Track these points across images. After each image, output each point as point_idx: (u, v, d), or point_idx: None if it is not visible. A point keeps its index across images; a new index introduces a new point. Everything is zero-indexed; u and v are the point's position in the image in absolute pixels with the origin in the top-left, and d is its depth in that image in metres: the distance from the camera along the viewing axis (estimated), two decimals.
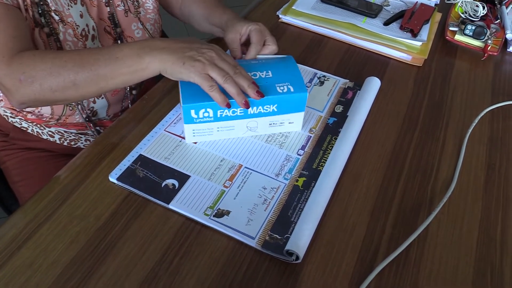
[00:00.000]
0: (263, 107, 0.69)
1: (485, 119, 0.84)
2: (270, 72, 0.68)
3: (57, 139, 0.91)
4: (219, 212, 0.63)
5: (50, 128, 0.90)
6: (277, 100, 0.69)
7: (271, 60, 0.69)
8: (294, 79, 0.70)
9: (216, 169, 0.68)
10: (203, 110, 0.68)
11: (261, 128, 0.73)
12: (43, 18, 0.75)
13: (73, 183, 0.67)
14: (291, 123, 0.74)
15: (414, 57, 0.95)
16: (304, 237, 0.59)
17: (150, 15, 0.90)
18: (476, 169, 0.75)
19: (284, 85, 0.69)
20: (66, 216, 0.63)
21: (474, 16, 1.03)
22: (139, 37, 0.89)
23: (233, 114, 0.69)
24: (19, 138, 0.91)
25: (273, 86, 0.69)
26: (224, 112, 0.69)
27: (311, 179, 0.68)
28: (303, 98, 0.70)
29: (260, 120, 0.71)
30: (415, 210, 0.68)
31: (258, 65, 0.67)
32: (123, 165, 0.68)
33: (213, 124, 0.70)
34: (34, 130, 0.90)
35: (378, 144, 0.77)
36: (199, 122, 0.69)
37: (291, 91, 0.69)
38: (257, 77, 0.67)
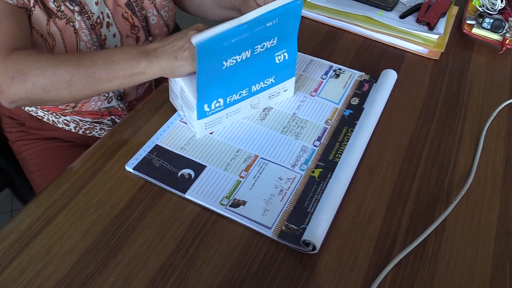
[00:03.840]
0: (264, 82, 0.72)
1: (503, 113, 0.83)
2: (275, 39, 0.68)
3: (72, 128, 0.92)
4: (235, 202, 0.62)
5: (65, 117, 0.90)
6: (275, 72, 0.73)
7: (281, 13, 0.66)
8: (290, 42, 0.72)
9: (232, 159, 0.68)
10: (215, 101, 0.68)
11: (262, 103, 0.76)
12: (58, 8, 0.75)
13: (89, 172, 0.67)
14: (286, 91, 0.78)
15: (431, 50, 0.94)
16: (321, 227, 0.59)
17: (164, 1, 0.90)
18: (494, 163, 0.74)
19: (281, 53, 0.72)
20: (83, 205, 0.63)
21: (492, 9, 1.02)
22: (154, 23, 0.89)
23: (239, 97, 0.71)
24: (35, 127, 0.91)
25: (273, 57, 0.71)
26: (233, 97, 0.70)
27: (327, 171, 0.67)
28: (294, 63, 0.74)
29: (261, 95, 0.74)
30: (432, 203, 0.67)
31: (266, 30, 0.66)
32: (139, 155, 0.68)
33: (223, 112, 0.71)
34: (49, 119, 0.90)
35: (395, 136, 0.76)
36: (211, 114, 0.69)
37: (286, 59, 0.72)
38: (264, 48, 0.67)
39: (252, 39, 0.64)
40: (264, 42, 0.67)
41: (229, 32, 0.60)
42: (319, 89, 0.81)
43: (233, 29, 0.60)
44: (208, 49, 0.60)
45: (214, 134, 0.72)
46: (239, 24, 0.61)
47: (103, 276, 0.55)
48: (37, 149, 0.92)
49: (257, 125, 0.74)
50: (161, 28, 0.92)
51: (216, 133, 0.72)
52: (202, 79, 0.64)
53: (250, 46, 0.65)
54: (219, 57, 0.63)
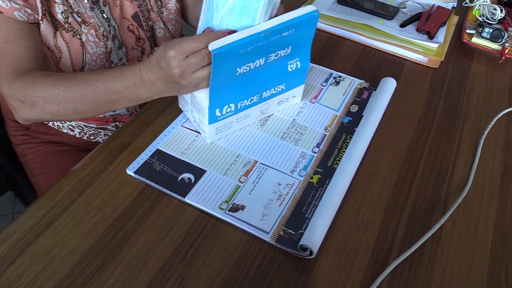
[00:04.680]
0: (275, 88, 0.73)
1: (502, 122, 0.83)
2: (290, 48, 0.69)
3: (77, 133, 0.93)
4: (234, 206, 0.63)
5: (70, 122, 0.91)
6: (286, 79, 0.74)
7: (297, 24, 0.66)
8: (304, 51, 0.73)
9: (232, 164, 0.69)
10: (227, 106, 0.69)
11: (271, 108, 0.77)
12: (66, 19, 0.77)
13: (91, 175, 0.68)
14: (294, 97, 0.79)
15: (430, 59, 0.95)
16: (318, 233, 0.60)
17: (172, 15, 0.91)
18: (492, 171, 0.74)
19: (294, 62, 0.73)
20: (84, 207, 0.64)
21: (492, 19, 1.03)
22: (160, 36, 0.90)
23: (250, 102, 0.72)
24: (40, 131, 0.92)
25: (286, 65, 0.72)
26: (244, 102, 0.71)
27: (325, 177, 0.68)
28: (305, 71, 0.76)
29: (271, 101, 0.75)
30: (429, 210, 0.68)
31: (281, 39, 0.66)
32: (140, 159, 0.69)
33: (233, 117, 0.71)
34: (54, 124, 0.91)
35: (393, 144, 0.77)
36: (222, 119, 0.70)
37: (298, 67, 0.73)
38: (278, 56, 0.68)
39: (267, 47, 0.65)
40: (279, 51, 0.68)
41: (246, 40, 0.61)
42: (319, 96, 0.82)
43: (249, 37, 0.61)
44: (224, 57, 0.61)
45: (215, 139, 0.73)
46: (256, 32, 0.62)
47: (103, 277, 0.56)
48: (41, 152, 0.93)
49: (257, 130, 0.75)
50: (167, 40, 0.92)
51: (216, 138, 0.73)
52: (215, 85, 0.64)
53: (264, 54, 0.66)
54: (233, 64, 0.64)
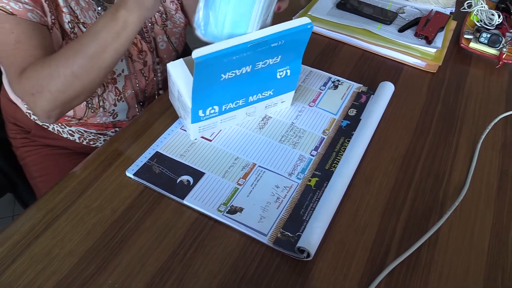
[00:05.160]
0: (262, 93, 0.73)
1: (499, 126, 0.84)
2: (279, 57, 0.68)
3: (76, 138, 0.93)
4: (232, 208, 0.64)
5: (70, 127, 0.92)
6: (275, 86, 0.74)
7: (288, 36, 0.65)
8: (295, 61, 0.72)
9: (230, 167, 0.69)
10: (210, 108, 0.69)
11: (258, 112, 0.77)
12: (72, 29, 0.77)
13: (90, 177, 0.69)
14: (283, 102, 0.79)
15: (428, 63, 0.95)
16: (316, 235, 0.60)
17: (176, 29, 0.92)
18: (488, 175, 0.75)
19: (284, 70, 0.72)
20: (83, 208, 0.64)
21: (490, 24, 1.04)
22: (162, 48, 0.91)
23: (235, 106, 0.72)
24: (40, 135, 0.93)
25: (275, 73, 0.71)
26: (228, 105, 0.71)
27: (323, 180, 0.69)
28: (296, 79, 0.75)
29: (258, 105, 0.75)
30: (426, 213, 0.68)
31: (270, 50, 0.66)
32: (139, 161, 0.69)
33: (217, 118, 0.72)
34: (54, 129, 0.92)
35: (391, 147, 0.77)
36: (205, 119, 0.71)
37: (288, 75, 0.73)
38: (266, 64, 0.68)
39: (254, 56, 0.65)
40: (267, 60, 0.68)
41: (231, 50, 0.61)
42: (317, 99, 0.83)
43: (235, 47, 0.61)
44: (207, 65, 0.61)
45: (213, 141, 0.74)
46: (242, 43, 0.61)
47: (101, 278, 0.57)
48: (41, 155, 0.93)
49: (255, 133, 0.75)
50: (169, 53, 0.93)
51: (215, 140, 0.74)
52: (198, 89, 0.64)
53: (251, 63, 0.66)
54: (217, 70, 0.64)
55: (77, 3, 0.79)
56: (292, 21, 0.65)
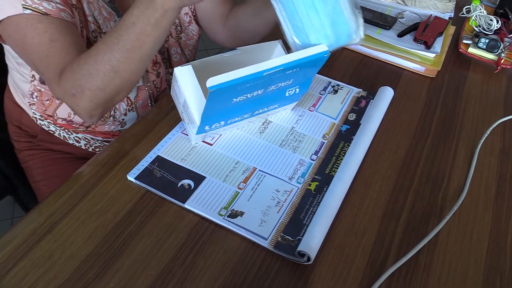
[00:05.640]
0: (268, 107, 0.74)
1: (497, 131, 0.85)
2: (292, 79, 0.68)
3: (82, 145, 0.93)
4: (233, 212, 0.64)
5: (77, 134, 0.92)
6: (281, 101, 0.75)
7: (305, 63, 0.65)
8: (305, 81, 0.73)
9: (231, 171, 0.70)
10: (217, 123, 0.70)
11: (260, 119, 0.79)
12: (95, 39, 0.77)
13: (92, 180, 0.69)
14: (285, 110, 0.81)
15: (428, 68, 0.96)
16: (316, 239, 0.61)
17: (190, 41, 0.91)
18: (487, 180, 0.76)
19: (293, 89, 0.73)
20: (85, 212, 0.65)
21: (488, 29, 1.05)
22: (176, 60, 0.91)
23: (240, 118, 0.73)
24: (46, 140, 0.93)
25: (284, 92, 0.72)
26: (234, 119, 0.71)
27: (323, 184, 0.69)
28: (302, 94, 0.76)
29: (261, 115, 0.77)
30: (425, 217, 0.68)
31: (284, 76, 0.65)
32: (141, 165, 0.70)
33: (221, 128, 0.73)
34: (61, 134, 0.92)
35: (390, 152, 0.78)
36: (210, 131, 0.72)
37: (296, 92, 0.74)
38: (277, 87, 0.68)
39: (268, 82, 0.65)
40: (279, 83, 0.67)
41: (246, 78, 0.60)
42: (317, 104, 0.83)
43: (250, 76, 0.60)
44: (220, 93, 0.60)
45: (214, 145, 0.74)
46: (258, 71, 0.60)
47: (103, 281, 0.57)
48: (45, 159, 0.93)
49: (256, 138, 0.76)
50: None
51: (216, 145, 0.74)
52: (208, 111, 0.64)
53: (263, 87, 0.66)
54: (229, 96, 0.63)
55: (100, 13, 0.79)
56: (309, 49, 0.64)
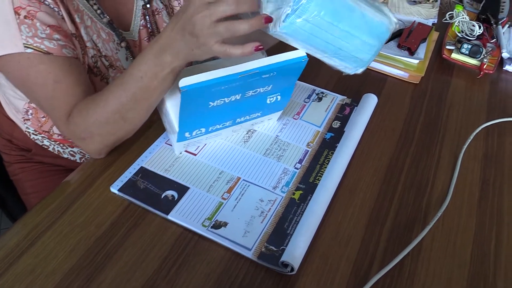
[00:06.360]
0: (250, 115, 0.73)
1: (480, 136, 0.85)
2: (271, 86, 0.68)
3: (77, 159, 0.92)
4: (217, 223, 0.64)
5: (72, 148, 0.91)
6: (263, 109, 0.74)
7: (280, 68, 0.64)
8: (285, 88, 0.72)
9: (215, 181, 0.70)
10: (197, 130, 0.69)
11: (243, 129, 0.78)
12: (95, 64, 0.77)
13: (75, 192, 0.69)
14: (270, 119, 0.79)
15: (411, 74, 0.97)
16: (299, 249, 0.61)
17: None
18: (470, 185, 0.76)
19: (274, 96, 0.72)
20: (68, 225, 0.64)
21: (471, 35, 1.06)
22: None
23: (222, 126, 0.72)
24: (40, 154, 0.91)
25: (265, 99, 0.71)
26: (215, 126, 0.71)
27: (307, 193, 0.69)
28: (286, 102, 0.75)
29: (244, 124, 0.75)
30: (409, 224, 0.69)
31: (261, 80, 0.65)
32: (124, 177, 0.70)
33: (203, 136, 0.72)
34: (55, 149, 0.90)
35: (374, 159, 0.78)
36: (191, 139, 0.71)
37: (278, 100, 0.73)
38: (256, 93, 0.68)
39: (245, 86, 0.64)
40: (258, 89, 0.67)
41: (219, 80, 0.59)
42: (301, 112, 0.83)
43: (223, 78, 0.60)
44: (194, 94, 0.60)
45: (198, 155, 0.74)
46: (232, 73, 0.60)
47: None
48: (36, 172, 0.91)
49: (240, 147, 0.76)
50: None
51: (200, 155, 0.74)
52: (185, 115, 0.64)
53: (241, 91, 0.65)
54: (205, 99, 0.63)
55: (98, 36, 0.79)
56: (287, 54, 0.63)
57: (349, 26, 0.59)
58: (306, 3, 0.54)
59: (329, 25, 0.57)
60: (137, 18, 0.86)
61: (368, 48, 0.63)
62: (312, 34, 0.58)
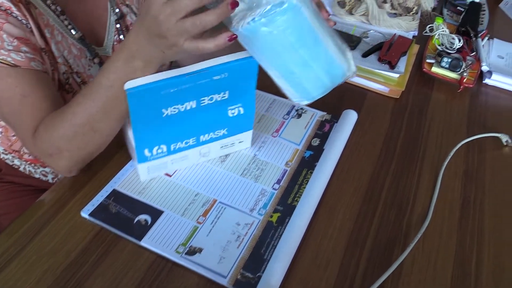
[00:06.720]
0: (214, 133, 0.70)
1: (461, 152, 0.85)
2: (227, 93, 0.66)
3: (50, 179, 0.89)
4: (191, 249, 0.62)
5: (44, 168, 0.88)
6: (228, 125, 0.71)
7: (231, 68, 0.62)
8: (247, 97, 0.69)
9: (190, 204, 0.68)
10: (157, 147, 0.67)
11: (213, 152, 0.74)
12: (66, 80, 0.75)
13: (44, 217, 0.66)
14: (241, 142, 0.76)
15: (392, 89, 0.96)
16: (276, 275, 0.59)
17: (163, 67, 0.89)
18: (451, 203, 0.75)
19: (235, 108, 0.69)
20: (36, 252, 0.62)
21: (451, 48, 1.05)
22: None
23: (186, 145, 0.69)
24: (10, 174, 0.88)
25: (225, 110, 0.69)
26: (177, 145, 0.68)
27: (285, 215, 0.67)
28: (251, 117, 0.72)
29: (212, 145, 0.72)
30: (390, 245, 0.67)
31: (213, 83, 0.62)
32: (96, 200, 0.67)
33: (166, 158, 0.69)
34: (26, 169, 0.87)
35: (354, 177, 0.77)
36: (153, 159, 0.68)
37: (241, 113, 0.70)
38: (212, 101, 0.65)
39: (197, 90, 0.62)
40: (212, 95, 0.65)
41: (166, 82, 0.58)
42: (280, 129, 0.82)
43: (171, 79, 0.58)
44: (141, 97, 0.58)
45: (173, 177, 0.72)
46: (179, 74, 0.59)
47: None
48: (7, 192, 0.88)
49: (217, 167, 0.74)
50: None
51: (175, 176, 0.72)
52: (137, 124, 0.62)
53: (195, 97, 0.63)
54: (156, 105, 0.61)
55: (69, 52, 0.76)
56: (237, 53, 0.62)
57: (310, 55, 0.58)
58: (276, 14, 0.52)
59: (290, 45, 0.56)
60: (110, 33, 0.83)
61: (319, 85, 0.62)
62: (271, 47, 0.57)
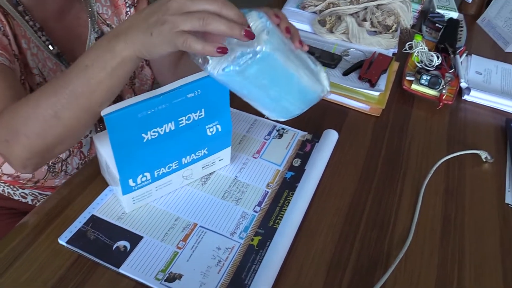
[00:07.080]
0: (195, 153, 0.71)
1: (441, 169, 0.85)
2: (203, 111, 0.66)
3: (29, 200, 0.88)
4: (171, 276, 0.61)
5: (23, 190, 0.86)
6: (207, 144, 0.71)
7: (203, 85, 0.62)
8: (223, 114, 0.70)
9: (170, 229, 0.67)
10: (141, 175, 0.66)
11: (195, 174, 0.74)
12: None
13: (21, 245, 0.65)
14: (221, 160, 0.76)
15: (372, 107, 0.96)
16: None
17: (144, 86, 0.89)
18: (432, 221, 0.75)
19: (213, 126, 0.70)
20: (11, 283, 0.60)
21: (430, 65, 1.07)
22: None
23: (169, 170, 0.69)
24: None
25: (204, 129, 0.69)
26: (161, 170, 0.68)
27: (266, 238, 0.67)
28: (229, 134, 0.73)
29: (194, 166, 0.72)
30: (371, 267, 0.67)
31: (188, 102, 0.62)
32: (74, 226, 0.66)
33: (151, 185, 0.68)
34: (5, 191, 0.86)
35: (336, 197, 0.77)
36: (138, 189, 0.67)
37: (219, 131, 0.71)
38: (190, 120, 0.65)
39: (173, 110, 0.62)
40: (189, 114, 0.65)
41: (142, 103, 0.58)
42: (261, 150, 0.82)
43: (146, 101, 0.58)
44: (119, 121, 0.57)
45: (153, 201, 0.71)
46: (154, 96, 0.59)
47: None
48: None
49: (197, 190, 0.73)
50: None
51: (156, 200, 0.71)
52: (119, 152, 0.61)
53: (172, 118, 0.63)
54: (135, 130, 0.60)
55: (44, 65, 0.75)
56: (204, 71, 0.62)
57: (283, 91, 0.63)
58: (251, 64, 0.54)
59: (263, 86, 0.60)
60: None
61: (295, 108, 0.68)
62: (245, 87, 0.60)
